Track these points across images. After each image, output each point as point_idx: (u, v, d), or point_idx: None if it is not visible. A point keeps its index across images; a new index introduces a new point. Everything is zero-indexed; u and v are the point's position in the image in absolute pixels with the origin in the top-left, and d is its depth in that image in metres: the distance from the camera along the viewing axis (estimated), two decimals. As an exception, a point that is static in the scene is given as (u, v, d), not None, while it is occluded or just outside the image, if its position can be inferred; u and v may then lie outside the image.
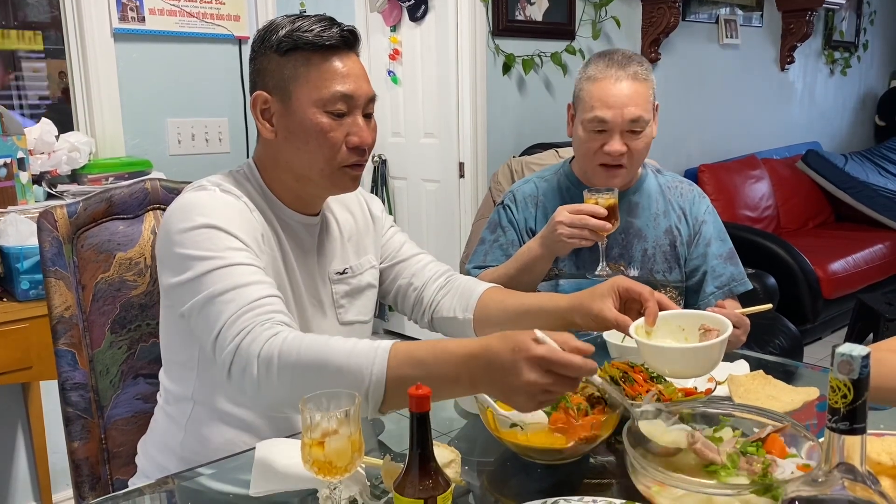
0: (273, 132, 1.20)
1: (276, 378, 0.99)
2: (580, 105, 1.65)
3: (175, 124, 2.74)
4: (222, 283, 1.07)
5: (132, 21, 2.58)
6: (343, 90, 1.16)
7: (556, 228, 1.52)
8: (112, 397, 1.39)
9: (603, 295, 1.22)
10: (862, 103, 6.06)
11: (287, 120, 1.18)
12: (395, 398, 0.97)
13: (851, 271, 4.18)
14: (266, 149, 1.24)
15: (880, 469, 0.90)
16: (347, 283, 1.35)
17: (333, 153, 1.18)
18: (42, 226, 1.34)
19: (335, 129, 1.17)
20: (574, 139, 1.70)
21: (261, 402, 1.04)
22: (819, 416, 1.24)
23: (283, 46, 1.16)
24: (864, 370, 0.64)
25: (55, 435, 2.29)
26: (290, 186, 1.25)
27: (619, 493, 0.99)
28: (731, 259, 1.74)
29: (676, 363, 1.14)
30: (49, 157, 2.39)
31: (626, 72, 1.60)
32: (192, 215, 1.12)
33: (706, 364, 1.15)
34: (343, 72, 1.17)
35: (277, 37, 1.17)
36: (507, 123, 3.61)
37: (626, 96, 1.58)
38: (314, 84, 1.16)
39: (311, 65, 1.16)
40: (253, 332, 1.02)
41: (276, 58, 1.18)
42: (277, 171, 1.24)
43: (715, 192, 4.13)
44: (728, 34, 4.63)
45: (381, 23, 4.00)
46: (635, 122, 1.59)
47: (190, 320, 1.11)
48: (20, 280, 2.00)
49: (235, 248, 1.11)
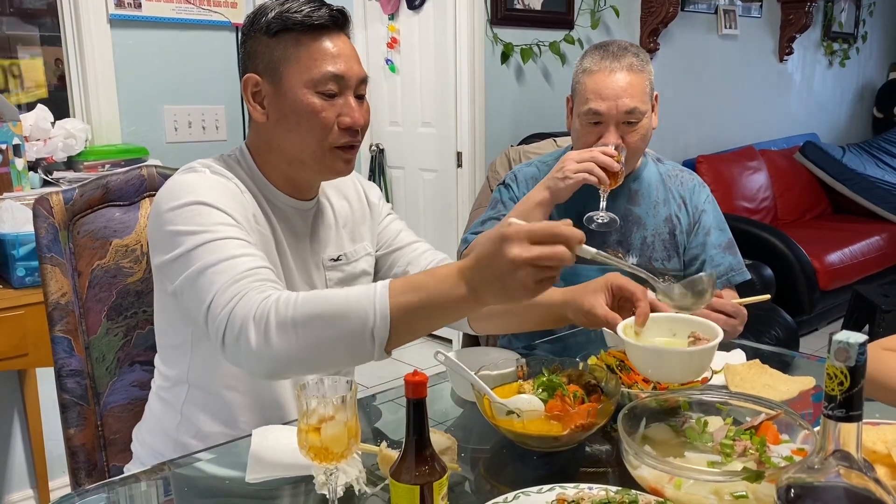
0: (264, 115, 1.19)
1: (276, 336, 0.96)
2: (577, 97, 1.66)
3: (172, 111, 2.73)
4: (213, 255, 1.06)
5: (128, 7, 2.57)
6: (334, 70, 1.16)
7: (564, 164, 1.55)
8: (108, 384, 1.38)
9: (595, 291, 1.23)
10: (860, 95, 6.05)
11: (278, 102, 1.17)
12: (400, 331, 0.94)
13: (848, 263, 4.19)
14: (258, 132, 1.24)
15: (875, 457, 0.91)
16: (341, 270, 1.35)
17: (325, 133, 1.17)
18: (38, 212, 1.33)
19: (326, 109, 1.16)
20: (572, 131, 1.70)
21: (262, 365, 0.99)
22: (815, 407, 1.24)
23: (273, 28, 1.15)
24: (860, 357, 0.64)
25: (51, 422, 2.29)
26: (283, 170, 1.23)
27: (615, 481, 0.99)
28: (730, 249, 1.74)
29: (661, 365, 1.14)
30: (45, 144, 2.38)
31: (621, 63, 1.60)
32: (182, 194, 1.12)
33: (690, 370, 1.15)
34: (333, 52, 1.16)
35: (267, 19, 1.16)
36: (506, 113, 3.60)
37: (620, 88, 1.58)
38: (304, 65, 1.15)
39: (301, 45, 1.15)
40: (246, 297, 1.00)
41: (266, 40, 1.17)
42: (270, 155, 1.23)
43: (712, 182, 4.13)
44: (727, 24, 4.62)
45: (379, 11, 3.98)
46: (630, 114, 1.59)
47: (182, 297, 1.09)
48: (16, 267, 2.00)
49: (226, 223, 1.10)
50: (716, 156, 4.52)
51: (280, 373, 1.02)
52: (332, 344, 0.96)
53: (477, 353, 1.37)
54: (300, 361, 0.98)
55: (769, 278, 3.56)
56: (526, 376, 1.21)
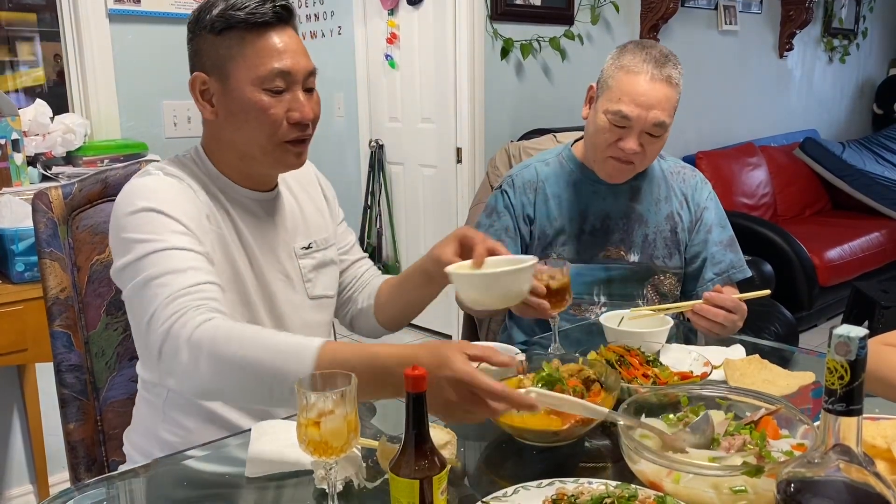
0: (214, 112, 1.20)
1: (205, 365, 0.99)
2: (607, 92, 1.58)
3: (171, 107, 2.72)
4: (159, 266, 1.07)
5: (128, 2, 2.56)
6: (280, 67, 1.16)
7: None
8: (108, 379, 1.38)
9: (446, 242, 1.28)
10: (860, 91, 6.05)
11: (226, 100, 1.18)
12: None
13: (847, 259, 4.19)
14: (210, 130, 1.25)
15: (875, 452, 0.91)
16: (313, 258, 1.36)
17: (274, 129, 1.17)
18: (37, 207, 1.33)
19: (274, 105, 1.16)
20: (590, 123, 1.64)
21: (189, 386, 1.03)
22: (815, 403, 1.24)
23: (218, 26, 1.15)
24: (861, 351, 0.64)
25: (51, 417, 2.29)
26: (236, 165, 1.25)
27: (614, 476, 0.99)
28: (731, 246, 1.73)
29: (476, 289, 1.17)
30: (44, 139, 2.38)
31: (662, 72, 1.55)
32: (135, 200, 1.13)
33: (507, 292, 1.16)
34: (279, 48, 1.16)
35: (211, 16, 1.16)
36: (505, 108, 3.60)
37: (656, 99, 1.53)
38: (251, 62, 1.15)
39: (246, 43, 1.15)
40: (185, 316, 1.02)
41: (211, 38, 1.17)
42: (222, 152, 1.24)
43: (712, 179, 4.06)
44: (727, 20, 4.61)
45: (379, 6, 3.98)
46: (657, 126, 1.55)
47: (128, 305, 1.12)
48: (15, 262, 2.00)
49: (177, 231, 1.12)
50: (716, 152, 4.52)
51: (206, 397, 1.10)
52: (254, 391, 1.00)
53: (476, 348, 1.37)
54: (221, 394, 1.07)
55: (769, 274, 3.56)
56: (526, 371, 1.21)
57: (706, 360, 1.29)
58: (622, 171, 1.63)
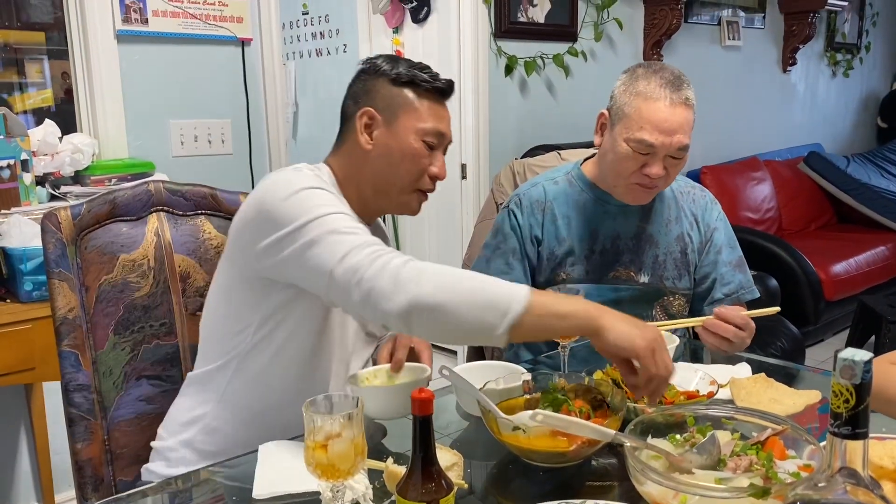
0: (370, 145, 1.33)
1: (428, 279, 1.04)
2: (624, 120, 1.55)
3: (178, 126, 2.74)
4: (343, 222, 1.15)
5: (135, 23, 2.58)
6: (440, 128, 1.36)
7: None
8: (115, 399, 1.39)
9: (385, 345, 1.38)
10: (864, 105, 6.05)
11: (388, 138, 1.32)
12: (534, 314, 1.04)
13: (853, 273, 4.17)
14: (351, 158, 1.35)
15: (882, 473, 0.91)
16: None
17: (419, 176, 1.34)
18: (46, 227, 1.34)
19: (425, 157, 1.34)
20: (608, 151, 1.61)
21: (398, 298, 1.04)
22: (821, 420, 1.24)
23: (402, 78, 1.33)
24: (866, 375, 0.64)
25: (58, 436, 2.29)
26: (364, 196, 1.35)
27: (621, 496, 0.99)
28: (740, 267, 1.73)
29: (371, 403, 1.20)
30: (52, 159, 2.40)
31: (680, 96, 1.53)
32: (293, 185, 1.20)
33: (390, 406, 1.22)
34: (443, 114, 1.38)
35: (397, 70, 1.34)
36: (509, 125, 3.61)
37: (678, 124, 1.52)
38: (421, 116, 1.33)
39: (422, 100, 1.34)
40: (390, 254, 1.09)
41: (389, 85, 1.33)
42: (356, 180, 1.35)
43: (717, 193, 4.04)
44: (730, 36, 4.63)
45: (384, 24, 4.00)
46: (681, 150, 1.54)
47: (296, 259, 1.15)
48: (24, 281, 2.01)
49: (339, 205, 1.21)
50: (720, 166, 4.52)
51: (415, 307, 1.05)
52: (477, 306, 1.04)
53: (482, 367, 1.37)
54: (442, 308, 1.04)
55: (774, 289, 3.55)
56: (532, 391, 1.22)
57: (712, 378, 1.29)
58: (648, 194, 1.63)
